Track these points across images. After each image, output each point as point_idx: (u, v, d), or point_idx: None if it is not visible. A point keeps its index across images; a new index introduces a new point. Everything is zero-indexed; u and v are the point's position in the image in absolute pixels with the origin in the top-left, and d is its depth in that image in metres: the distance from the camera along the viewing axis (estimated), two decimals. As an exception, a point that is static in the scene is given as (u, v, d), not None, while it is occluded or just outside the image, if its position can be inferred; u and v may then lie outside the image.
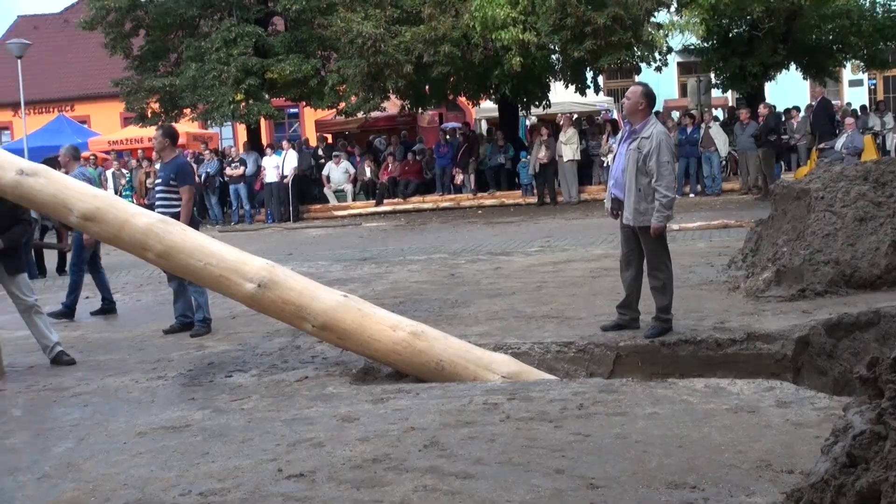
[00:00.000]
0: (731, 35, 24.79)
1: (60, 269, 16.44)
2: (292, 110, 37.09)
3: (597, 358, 7.77)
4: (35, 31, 39.84)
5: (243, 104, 26.22)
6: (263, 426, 6.18)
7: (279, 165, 24.77)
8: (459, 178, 24.98)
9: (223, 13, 27.30)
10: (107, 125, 36.54)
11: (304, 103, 29.77)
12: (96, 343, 9.86)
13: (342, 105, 26.92)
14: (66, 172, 11.45)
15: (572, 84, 24.26)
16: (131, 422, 6.62)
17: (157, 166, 23.18)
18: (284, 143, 26.27)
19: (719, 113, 29.40)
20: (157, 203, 9.93)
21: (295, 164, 24.81)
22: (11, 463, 5.90)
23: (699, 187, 22.54)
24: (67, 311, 11.47)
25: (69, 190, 8.00)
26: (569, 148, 22.82)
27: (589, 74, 24.34)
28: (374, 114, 28.55)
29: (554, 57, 23.23)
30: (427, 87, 24.72)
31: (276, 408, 6.68)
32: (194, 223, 9.54)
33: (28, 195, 8.00)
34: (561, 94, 27.63)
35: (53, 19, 42.28)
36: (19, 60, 27.25)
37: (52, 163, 10.68)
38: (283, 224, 24.27)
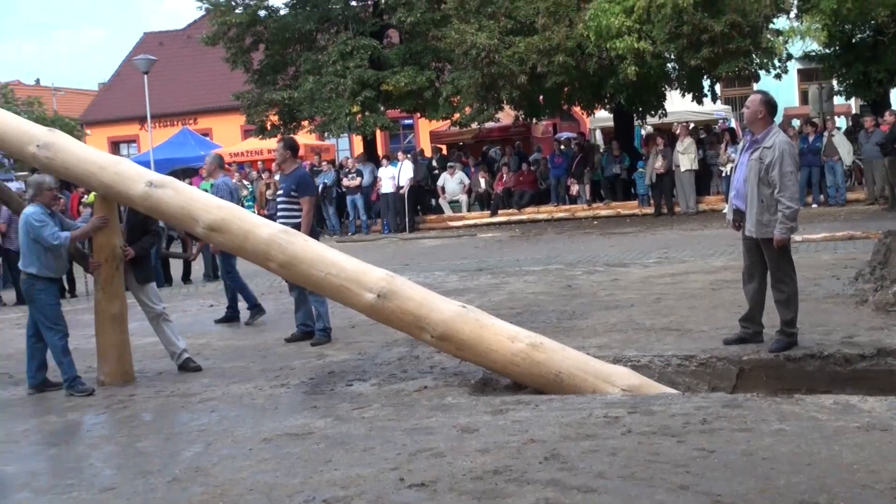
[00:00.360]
0: (854, 41, 24.10)
1: (186, 277, 16.89)
2: (407, 122, 37.45)
3: (719, 372, 7.63)
4: (160, 47, 41.04)
5: (359, 116, 26.57)
6: (384, 435, 6.24)
7: (395, 176, 25.02)
8: (574, 188, 24.84)
9: (340, 27, 27.75)
10: (228, 137, 37.47)
11: (419, 114, 30.01)
12: (221, 350, 10.11)
13: (456, 116, 27.05)
14: (212, 180, 11.85)
15: (689, 93, 23.90)
16: (256, 428, 6.76)
17: (277, 177, 23.79)
18: (400, 155, 26.52)
19: (842, 121, 28.59)
20: (279, 214, 10.12)
21: (410, 174, 25.02)
22: (143, 465, 6.10)
23: (822, 197, 21.86)
24: (257, 309, 11.82)
25: (195, 201, 8.22)
26: (686, 157, 22.49)
27: (706, 83, 23.95)
28: (489, 124, 28.65)
29: (670, 65, 22.91)
30: (541, 97, 24.67)
31: (396, 417, 6.74)
32: (314, 234, 9.72)
33: (157, 206, 8.25)
34: (677, 103, 27.24)
35: (177, 36, 43.56)
36: (146, 76, 28.13)
37: (178, 174, 11.00)
38: (398, 234, 24.48)
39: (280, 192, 10.60)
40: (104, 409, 7.97)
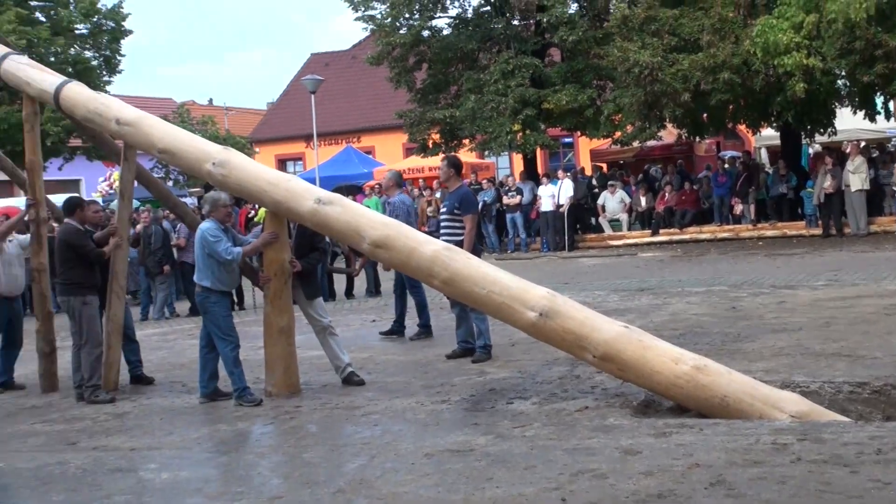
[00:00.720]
0: None
1: (349, 293, 17.26)
2: (567, 140, 37.31)
3: (894, 401, 7.31)
4: (326, 67, 42.15)
5: (520, 134, 26.64)
6: (545, 454, 6.22)
7: (555, 195, 24.98)
8: (738, 208, 24.24)
9: (501, 46, 27.92)
10: (390, 155, 38.15)
11: (580, 133, 29.89)
12: (383, 365, 10.29)
13: (618, 134, 26.84)
14: (388, 197, 12.07)
15: (860, 110, 23.06)
16: (418, 443, 6.84)
17: (438, 195, 24.10)
18: (560, 173, 26.49)
19: None
20: (441, 231, 10.24)
21: (570, 193, 24.95)
22: (309, 476, 6.26)
23: None
24: (426, 330, 12.00)
25: (362, 218, 8.39)
26: (857, 177, 21.65)
27: (879, 100, 23.06)
28: (650, 143, 28.29)
29: (840, 82, 22.17)
30: (705, 115, 24.22)
31: (557, 436, 6.71)
32: (475, 251, 9.77)
33: (324, 222, 8.47)
34: (847, 121, 26.25)
35: (342, 56, 44.58)
36: (313, 95, 28.93)
37: (342, 192, 11.26)
38: (558, 253, 24.41)
39: (443, 209, 10.72)
40: (271, 419, 8.21)
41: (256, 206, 11.99)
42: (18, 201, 29.66)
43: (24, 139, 10.48)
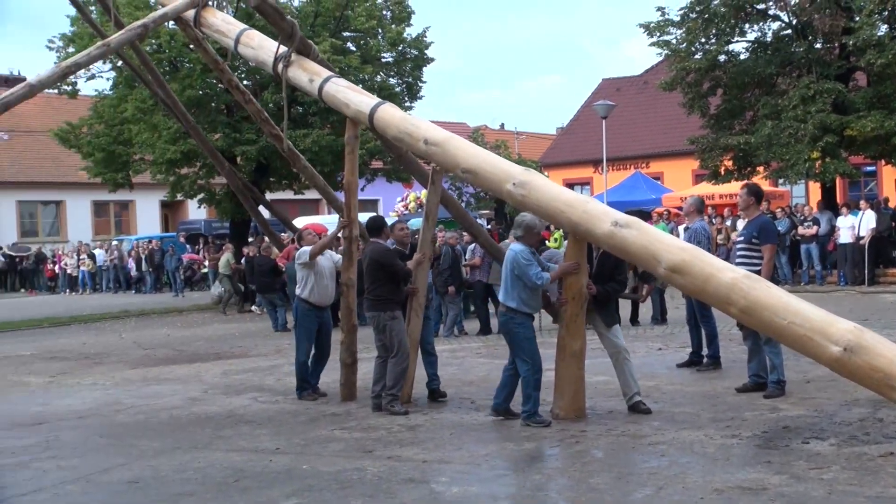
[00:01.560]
0: None
1: (633, 319, 17.02)
2: (870, 168, 35.24)
3: None
4: (617, 92, 42.02)
5: (819, 162, 25.42)
6: (845, 500, 5.86)
7: (855, 226, 23.60)
8: None
9: (802, 70, 26.76)
10: (679, 182, 37.43)
11: (885, 161, 28.12)
12: (670, 395, 10.06)
13: (928, 163, 25.05)
14: (688, 223, 11.84)
15: None
16: (707, 477, 6.62)
17: (728, 223, 23.41)
18: (862, 203, 25.00)
19: None
20: (738, 260, 9.89)
21: (872, 224, 23.47)
22: (596, 503, 6.17)
23: None
24: (716, 361, 11.66)
25: (659, 242, 8.20)
26: None
27: None
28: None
29: None
30: None
31: (858, 482, 6.31)
32: (774, 281, 9.36)
33: (621, 245, 8.34)
34: None
35: (634, 81, 44.38)
36: (604, 120, 28.90)
37: (638, 216, 11.04)
38: (856, 287, 23.01)
39: (739, 238, 10.39)
40: (557, 441, 8.20)
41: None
42: (323, 219, 31.58)
43: (343, 160, 11.01)
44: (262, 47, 11.52)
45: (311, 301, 11.21)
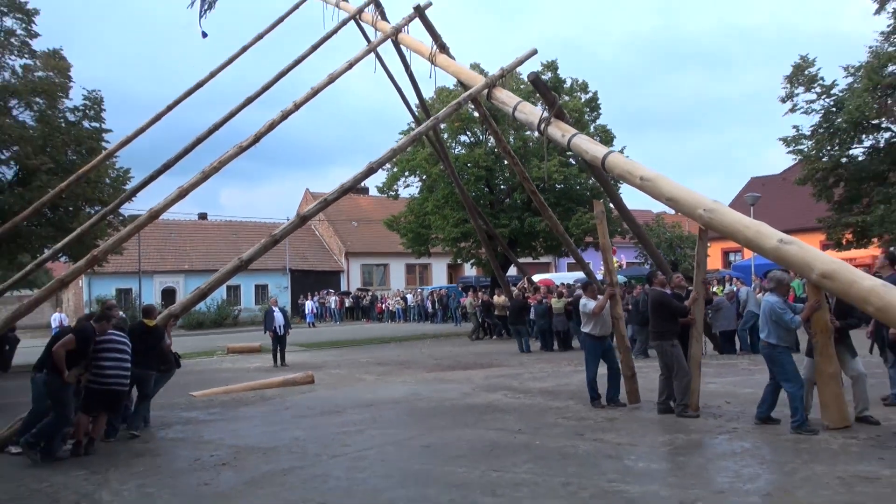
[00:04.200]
0: None
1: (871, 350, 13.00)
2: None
3: None
4: (762, 186, 39.50)
5: (922, 234, 22.73)
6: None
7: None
8: None
9: (908, 166, 24.16)
10: (811, 250, 34.41)
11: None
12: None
13: None
14: (880, 275, 8.69)
15: None
16: (831, 468, 5.94)
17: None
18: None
19: None
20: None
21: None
22: (731, 473, 5.70)
23: None
24: None
25: (813, 255, 7.51)
26: None
27: None
28: None
29: None
30: None
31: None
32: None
33: (784, 257, 7.61)
34: None
35: (775, 178, 41.56)
36: (752, 207, 27.18)
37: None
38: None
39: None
40: (716, 435, 7.64)
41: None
42: (552, 275, 31.31)
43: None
44: (532, 113, 11.19)
45: (593, 335, 10.27)
